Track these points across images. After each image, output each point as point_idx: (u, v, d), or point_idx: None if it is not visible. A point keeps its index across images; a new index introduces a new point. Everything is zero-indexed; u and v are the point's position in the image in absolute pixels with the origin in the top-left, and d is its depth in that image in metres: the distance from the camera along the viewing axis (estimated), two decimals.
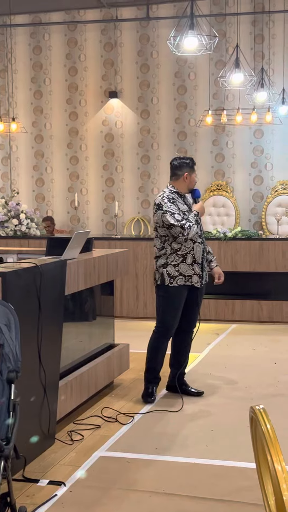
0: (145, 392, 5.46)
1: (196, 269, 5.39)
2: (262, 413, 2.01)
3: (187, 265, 5.38)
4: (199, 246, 5.40)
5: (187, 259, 5.38)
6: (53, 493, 3.70)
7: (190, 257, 5.38)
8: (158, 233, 5.43)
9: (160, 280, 5.40)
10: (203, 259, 5.44)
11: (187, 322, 5.51)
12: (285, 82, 10.02)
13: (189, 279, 5.38)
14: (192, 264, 5.38)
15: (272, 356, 6.99)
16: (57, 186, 11.16)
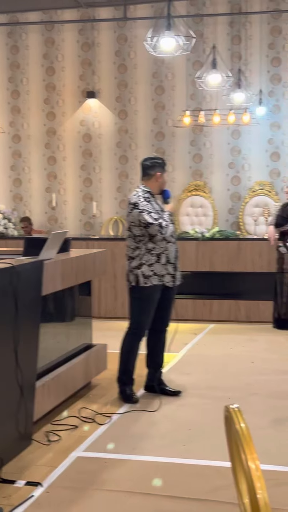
0: (125, 395, 5.45)
1: (170, 269, 5.42)
2: (237, 412, 2.02)
3: (161, 265, 5.39)
4: (172, 245, 5.43)
5: (161, 259, 5.39)
6: (30, 494, 3.69)
7: (164, 256, 5.39)
8: (132, 233, 5.41)
9: (134, 281, 5.39)
10: (176, 259, 5.46)
11: (161, 321, 5.53)
12: (262, 83, 10.07)
13: (162, 279, 5.40)
14: (165, 264, 5.40)
15: (250, 356, 7.02)
16: (34, 186, 11.13)
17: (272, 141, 10.29)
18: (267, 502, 1.84)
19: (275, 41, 10.19)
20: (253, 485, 1.85)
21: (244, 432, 1.94)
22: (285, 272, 8.37)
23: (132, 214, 5.37)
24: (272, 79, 10.23)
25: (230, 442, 2.13)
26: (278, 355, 7.09)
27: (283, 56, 10.18)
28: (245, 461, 1.89)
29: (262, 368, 6.52)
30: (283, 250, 8.35)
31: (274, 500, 3.47)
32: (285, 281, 8.36)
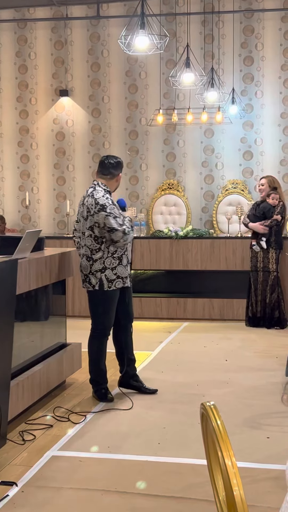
0: (100, 393, 5.45)
1: (129, 269, 5.50)
2: (213, 409, 2.03)
3: (123, 267, 5.40)
4: (130, 246, 5.50)
5: (123, 261, 5.40)
6: (5, 494, 3.68)
7: (125, 258, 5.41)
8: (94, 233, 5.31)
9: (98, 285, 5.35)
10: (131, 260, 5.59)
11: (125, 318, 5.56)
12: (235, 82, 10.11)
13: (125, 280, 5.43)
14: (126, 265, 5.44)
15: (224, 353, 7.06)
16: (7, 184, 11.07)
17: (244, 139, 10.34)
18: (243, 499, 1.86)
19: (247, 40, 10.24)
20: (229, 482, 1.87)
21: (220, 429, 1.96)
22: (259, 270, 8.42)
23: (98, 215, 5.24)
24: (245, 78, 10.28)
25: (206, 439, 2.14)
26: (251, 352, 7.13)
27: (255, 55, 10.24)
28: (221, 457, 1.91)
29: (236, 366, 6.55)
30: (256, 249, 8.40)
31: (249, 497, 3.50)
32: (259, 279, 8.41)
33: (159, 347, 7.34)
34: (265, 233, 8.32)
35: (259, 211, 8.42)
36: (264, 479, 3.89)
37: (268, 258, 8.35)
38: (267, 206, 8.35)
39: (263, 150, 10.28)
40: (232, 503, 1.85)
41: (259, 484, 3.82)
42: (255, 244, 8.41)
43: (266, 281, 8.37)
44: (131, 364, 5.63)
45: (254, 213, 8.46)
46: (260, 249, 8.35)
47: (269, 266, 8.35)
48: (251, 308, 8.50)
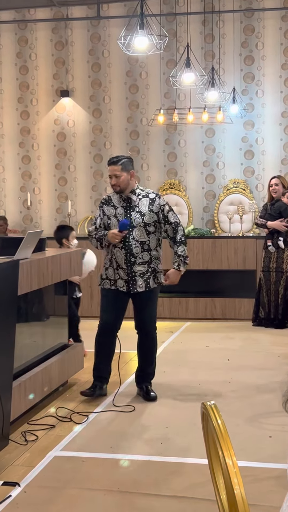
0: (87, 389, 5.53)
1: (121, 274, 5.35)
2: (213, 408, 2.04)
3: (113, 269, 5.39)
4: (119, 251, 5.33)
5: (112, 263, 5.39)
6: (8, 494, 3.68)
7: (114, 261, 5.38)
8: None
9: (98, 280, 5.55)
10: (130, 265, 5.32)
11: (137, 324, 5.53)
12: (235, 81, 10.11)
13: (114, 283, 5.39)
14: (117, 268, 5.37)
15: (226, 353, 7.06)
16: (9, 185, 11.07)
17: (245, 139, 10.34)
18: (244, 498, 1.86)
19: (248, 40, 10.24)
20: (230, 481, 1.87)
21: (220, 428, 1.96)
22: (271, 270, 8.37)
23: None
24: (246, 77, 10.28)
25: (207, 439, 2.14)
26: (253, 352, 7.14)
27: (256, 55, 10.24)
28: (222, 457, 1.91)
29: (238, 365, 6.56)
30: (272, 249, 8.35)
31: (251, 496, 3.50)
32: (272, 280, 8.36)
33: (162, 347, 7.34)
34: (282, 233, 8.30)
35: (274, 210, 8.37)
36: (267, 478, 3.90)
37: (283, 259, 8.30)
38: (283, 205, 8.32)
39: (264, 149, 10.28)
40: (233, 502, 1.86)
41: (262, 483, 3.82)
42: (270, 244, 8.36)
43: (278, 281, 8.32)
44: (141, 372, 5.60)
45: (270, 212, 8.41)
46: (276, 249, 8.31)
47: (283, 267, 8.29)
48: (263, 309, 8.43)
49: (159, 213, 5.35)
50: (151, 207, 5.33)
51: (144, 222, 5.31)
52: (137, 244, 5.31)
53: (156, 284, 5.40)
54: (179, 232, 5.40)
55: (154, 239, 5.37)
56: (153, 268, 5.38)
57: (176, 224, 5.40)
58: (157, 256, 5.42)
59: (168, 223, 5.37)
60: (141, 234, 5.31)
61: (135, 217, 5.32)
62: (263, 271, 8.43)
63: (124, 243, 5.31)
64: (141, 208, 5.34)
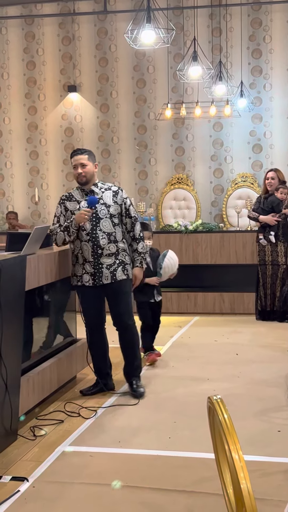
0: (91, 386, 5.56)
1: (87, 268, 5.26)
2: (220, 403, 2.03)
3: (79, 265, 5.31)
4: (86, 244, 5.23)
5: (79, 259, 5.31)
6: (16, 489, 3.69)
7: (80, 256, 5.29)
8: None
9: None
10: (97, 257, 5.23)
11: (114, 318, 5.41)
12: (243, 75, 10.08)
13: (80, 279, 5.31)
14: (83, 263, 5.28)
15: (234, 347, 7.05)
16: (17, 181, 11.09)
17: (253, 133, 10.31)
18: (251, 492, 1.85)
19: (255, 33, 10.20)
20: (236, 475, 1.87)
21: (227, 423, 1.95)
22: (267, 264, 8.39)
23: None
24: (253, 71, 10.24)
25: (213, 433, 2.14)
26: (262, 346, 7.12)
27: (264, 48, 10.20)
28: (228, 451, 1.90)
29: (246, 359, 6.54)
30: (264, 242, 8.36)
31: (259, 490, 3.50)
32: (268, 273, 8.38)
33: (170, 342, 7.34)
34: (273, 227, 8.28)
35: (267, 204, 8.37)
36: (275, 473, 3.89)
37: (277, 252, 8.31)
38: (276, 200, 8.30)
39: (272, 143, 10.25)
40: (239, 496, 1.85)
41: (270, 478, 3.81)
42: (262, 237, 8.37)
43: (275, 274, 8.34)
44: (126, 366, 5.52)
45: (262, 206, 8.41)
46: (268, 242, 8.32)
47: (278, 260, 8.31)
48: (260, 302, 8.47)
49: (122, 205, 5.32)
50: (115, 199, 5.30)
51: (110, 214, 5.25)
52: (104, 236, 5.22)
53: (125, 276, 5.30)
54: (137, 227, 5.39)
55: (120, 231, 5.31)
56: (121, 260, 5.29)
57: (135, 218, 5.38)
58: (124, 248, 5.34)
59: (129, 217, 5.34)
60: (108, 226, 5.24)
61: (101, 209, 5.24)
62: (260, 265, 8.44)
63: (91, 235, 5.21)
64: (105, 200, 5.28)
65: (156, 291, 6.40)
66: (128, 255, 5.39)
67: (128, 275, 5.36)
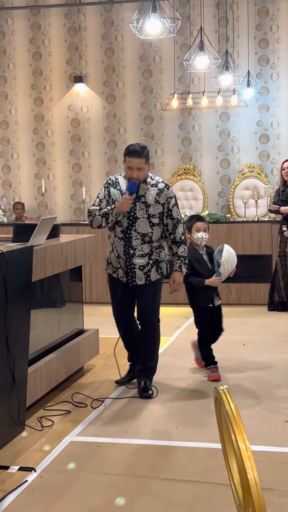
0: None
1: (122, 264, 5.16)
2: (226, 393, 2.03)
3: (115, 256, 5.21)
4: (118, 241, 5.14)
5: (114, 251, 5.22)
6: (24, 479, 3.70)
7: (115, 249, 5.20)
8: None
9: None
10: (129, 257, 5.12)
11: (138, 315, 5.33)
12: (250, 64, 10.03)
13: (116, 272, 5.23)
14: (118, 257, 5.18)
15: (241, 338, 7.04)
16: (23, 172, 11.08)
17: (260, 123, 10.26)
18: (258, 482, 1.85)
19: (262, 22, 10.14)
20: (243, 465, 1.86)
21: (233, 413, 1.95)
22: (287, 255, 8.33)
23: None
24: (260, 60, 10.19)
25: (220, 423, 2.13)
26: (269, 337, 7.11)
27: (271, 37, 10.14)
28: (235, 441, 1.90)
29: (254, 350, 6.54)
30: (287, 233, 8.31)
31: (267, 480, 3.50)
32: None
33: (177, 333, 7.34)
34: None
35: (286, 195, 8.32)
36: (283, 463, 3.89)
37: None
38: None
39: (279, 133, 10.20)
40: (246, 486, 1.85)
41: (278, 468, 3.82)
42: (286, 229, 8.31)
43: None
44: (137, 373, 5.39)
45: (282, 198, 8.36)
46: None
47: None
48: (277, 294, 8.41)
49: (165, 205, 5.11)
50: (157, 198, 5.09)
51: (148, 214, 5.08)
52: (138, 236, 5.08)
53: (159, 275, 5.18)
54: (179, 229, 5.15)
55: (158, 231, 5.12)
56: (155, 259, 5.15)
57: (177, 220, 5.14)
58: (159, 246, 5.18)
59: (170, 218, 5.12)
60: (144, 226, 5.08)
61: (139, 208, 5.08)
62: (279, 256, 8.39)
63: (125, 234, 5.09)
64: (147, 198, 5.09)
65: (215, 294, 5.77)
66: (163, 251, 5.23)
67: (162, 273, 5.22)
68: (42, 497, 3.53)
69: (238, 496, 2.07)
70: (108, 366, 5.91)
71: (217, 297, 5.79)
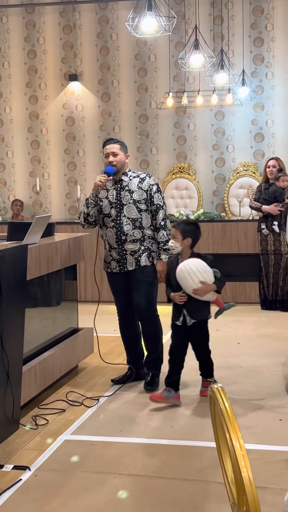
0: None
1: (114, 254, 5.27)
2: (221, 391, 2.03)
3: (107, 251, 5.36)
4: (110, 231, 5.25)
5: (106, 245, 5.36)
6: (18, 478, 3.70)
7: (107, 243, 5.33)
8: None
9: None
10: (121, 243, 5.21)
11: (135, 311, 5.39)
12: (245, 63, 10.03)
13: (109, 266, 5.37)
14: (110, 250, 5.31)
15: (236, 337, 7.05)
16: (18, 170, 11.07)
17: (255, 121, 10.28)
18: (252, 480, 1.85)
19: (257, 21, 10.15)
20: (237, 464, 1.86)
21: (228, 411, 1.95)
22: (269, 253, 8.37)
23: None
24: (255, 59, 10.20)
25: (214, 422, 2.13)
26: (264, 335, 7.12)
27: (265, 36, 10.15)
28: (229, 440, 1.90)
29: (248, 349, 6.55)
30: (266, 232, 8.34)
31: (261, 478, 3.50)
32: (271, 263, 8.37)
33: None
34: (276, 217, 8.26)
35: (269, 194, 8.34)
36: (277, 461, 3.89)
37: (280, 241, 8.29)
38: (278, 190, 8.27)
39: (274, 132, 10.22)
40: (240, 485, 1.85)
41: (272, 466, 3.82)
42: (264, 227, 8.34)
43: (278, 264, 8.32)
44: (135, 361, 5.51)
45: (264, 196, 8.38)
46: (270, 232, 8.30)
47: (280, 249, 8.29)
48: (264, 292, 8.47)
49: (148, 191, 5.24)
50: (140, 185, 5.24)
51: (133, 199, 5.20)
52: (128, 221, 5.19)
53: (149, 263, 5.23)
54: (160, 215, 5.23)
55: (147, 217, 5.24)
56: (146, 246, 5.24)
57: (159, 206, 5.24)
58: (151, 236, 5.27)
59: (152, 204, 5.26)
60: (131, 211, 5.20)
61: (124, 195, 5.23)
62: (262, 254, 8.43)
63: (116, 221, 5.21)
64: (130, 186, 5.24)
65: (187, 312, 5.00)
66: (155, 243, 5.31)
67: (153, 263, 5.28)
68: (36, 496, 3.52)
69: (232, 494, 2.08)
70: (103, 365, 5.91)
71: (191, 316, 5.00)
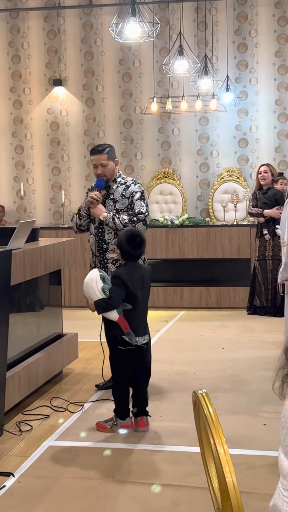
0: None
1: (96, 262, 5.23)
2: (205, 397, 2.03)
3: (91, 257, 5.35)
4: (93, 237, 5.27)
5: (91, 251, 5.35)
6: (2, 484, 3.68)
7: (91, 249, 5.34)
8: None
9: None
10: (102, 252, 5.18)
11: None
12: (229, 69, 10.07)
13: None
14: (93, 256, 5.30)
15: (220, 342, 7.06)
16: (2, 175, 11.03)
17: (239, 127, 10.31)
18: (236, 486, 1.85)
19: (241, 27, 10.19)
20: (221, 469, 1.86)
21: (212, 417, 1.95)
22: (267, 259, 8.35)
23: None
24: (239, 65, 10.24)
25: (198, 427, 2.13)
26: (248, 340, 7.14)
27: (249, 42, 10.20)
28: (213, 445, 1.90)
29: (233, 353, 6.56)
30: (268, 237, 8.33)
31: (245, 484, 3.51)
32: (269, 268, 8.34)
33: (156, 336, 7.34)
34: (277, 220, 8.26)
35: (269, 198, 8.35)
36: (261, 466, 3.90)
37: (279, 246, 8.26)
38: (278, 192, 8.30)
39: (258, 137, 10.26)
40: (224, 490, 1.85)
41: (256, 471, 3.83)
42: (267, 232, 8.33)
43: (276, 269, 8.25)
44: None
45: (264, 201, 8.38)
46: (272, 236, 8.28)
47: (279, 254, 8.24)
48: (258, 298, 8.42)
49: (129, 198, 5.16)
50: (123, 193, 5.18)
51: (116, 209, 5.16)
52: (110, 231, 5.14)
53: None
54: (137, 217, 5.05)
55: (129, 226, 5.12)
56: None
57: (139, 212, 5.09)
58: None
59: (131, 210, 5.14)
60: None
61: (108, 204, 5.20)
62: (259, 260, 8.41)
63: (98, 229, 5.20)
64: (115, 195, 5.20)
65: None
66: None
67: None
68: (20, 502, 3.50)
69: (216, 500, 2.08)
70: (88, 370, 5.90)
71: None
